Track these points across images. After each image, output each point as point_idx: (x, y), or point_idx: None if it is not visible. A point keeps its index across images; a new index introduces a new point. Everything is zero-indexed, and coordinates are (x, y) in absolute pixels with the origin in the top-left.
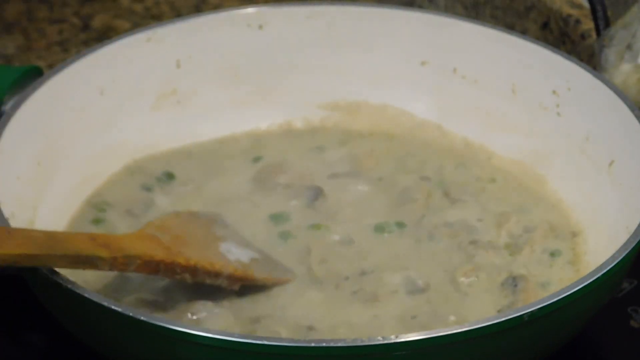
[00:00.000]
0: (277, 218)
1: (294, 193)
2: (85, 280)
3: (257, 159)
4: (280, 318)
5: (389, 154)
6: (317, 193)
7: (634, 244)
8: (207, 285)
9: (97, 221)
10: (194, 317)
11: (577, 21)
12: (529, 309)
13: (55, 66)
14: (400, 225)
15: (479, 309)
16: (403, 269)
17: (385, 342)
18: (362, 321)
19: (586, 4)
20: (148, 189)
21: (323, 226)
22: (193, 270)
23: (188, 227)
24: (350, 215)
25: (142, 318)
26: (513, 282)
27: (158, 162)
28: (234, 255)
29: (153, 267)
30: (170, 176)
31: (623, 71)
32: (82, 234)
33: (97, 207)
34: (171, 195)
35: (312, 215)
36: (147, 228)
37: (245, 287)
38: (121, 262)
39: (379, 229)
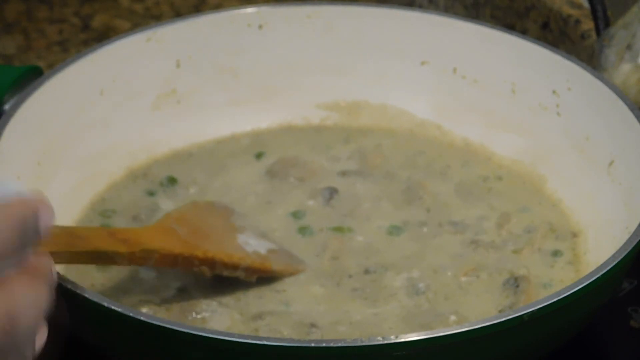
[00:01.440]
0: (293, 216)
1: (309, 192)
2: (93, 284)
3: (259, 155)
4: (283, 314)
5: (395, 152)
6: (332, 192)
7: (634, 244)
8: (214, 282)
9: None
10: (199, 316)
11: (577, 21)
12: (529, 309)
13: (55, 66)
14: (408, 224)
15: (479, 309)
16: (406, 268)
17: (385, 342)
18: (364, 319)
19: (586, 4)
20: (152, 194)
21: (345, 228)
22: (211, 263)
23: (206, 218)
24: (363, 215)
25: (141, 318)
26: (514, 283)
27: (159, 165)
28: (251, 247)
29: (171, 260)
30: (172, 180)
31: (623, 71)
32: (101, 228)
33: (102, 214)
34: (176, 199)
35: (329, 214)
36: (165, 220)
37: (249, 282)
38: (139, 257)
39: (390, 229)
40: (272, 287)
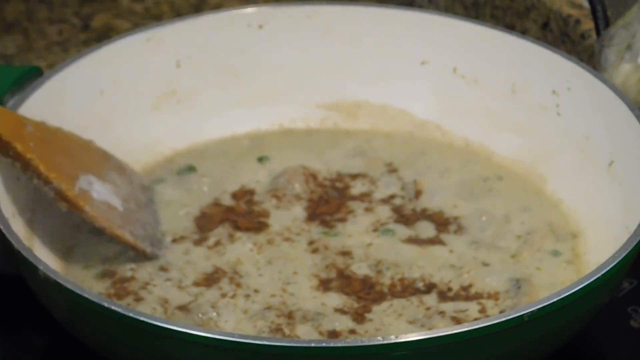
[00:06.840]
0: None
1: (301, 196)
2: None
3: (261, 159)
4: (287, 309)
5: (395, 152)
6: (327, 194)
7: (634, 244)
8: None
9: None
10: (204, 317)
11: (577, 21)
12: (529, 309)
13: (55, 66)
14: (405, 225)
15: (481, 309)
16: (406, 268)
17: (385, 342)
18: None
19: (586, 4)
20: (152, 186)
21: (335, 231)
22: (25, 163)
23: (63, 141)
24: (360, 216)
25: (142, 318)
26: (516, 284)
27: (159, 164)
28: (87, 186)
29: None
30: (189, 169)
31: (623, 71)
32: None
33: None
34: (178, 191)
35: (322, 219)
36: (24, 117)
37: (248, 282)
38: None
39: (386, 230)
40: (274, 287)
